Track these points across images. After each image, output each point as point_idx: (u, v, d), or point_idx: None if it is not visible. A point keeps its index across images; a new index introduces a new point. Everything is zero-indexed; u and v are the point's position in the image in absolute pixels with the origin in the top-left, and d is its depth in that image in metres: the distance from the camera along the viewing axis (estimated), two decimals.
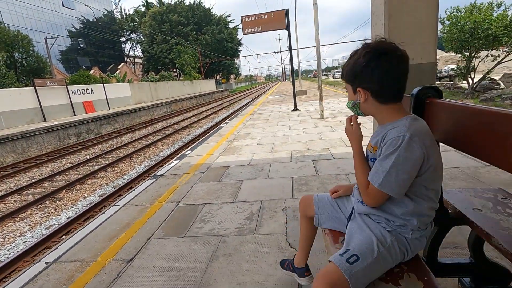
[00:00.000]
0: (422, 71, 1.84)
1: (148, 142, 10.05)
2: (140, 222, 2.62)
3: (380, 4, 1.76)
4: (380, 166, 0.95)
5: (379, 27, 1.82)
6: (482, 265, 1.40)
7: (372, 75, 0.95)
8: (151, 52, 42.45)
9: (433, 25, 1.74)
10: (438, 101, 1.15)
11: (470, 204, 1.34)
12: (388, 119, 1.01)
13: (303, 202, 1.45)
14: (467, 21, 12.18)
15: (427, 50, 1.76)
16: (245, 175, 3.60)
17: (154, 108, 19.93)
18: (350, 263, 0.94)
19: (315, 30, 7.03)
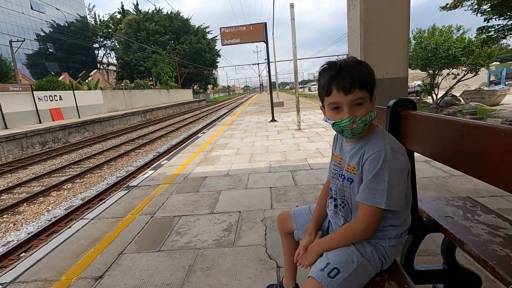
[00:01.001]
0: (395, 85, 1.95)
1: (121, 151, 9.65)
2: (111, 236, 2.46)
3: (356, 20, 1.85)
4: (376, 185, 0.91)
5: (356, 42, 1.91)
6: (455, 271, 1.45)
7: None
8: (126, 60, 41.41)
9: (405, 42, 1.85)
10: (413, 112, 1.21)
11: (442, 212, 1.40)
12: (366, 131, 0.99)
13: (281, 219, 1.42)
14: (430, 41, 13.16)
15: (400, 65, 1.86)
16: (223, 185, 3.54)
17: (128, 117, 19.28)
18: (331, 277, 0.93)
19: (293, 43, 7.24)
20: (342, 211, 1.07)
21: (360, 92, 0.90)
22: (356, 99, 0.91)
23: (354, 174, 1.00)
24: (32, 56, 40.59)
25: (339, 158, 1.11)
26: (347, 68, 0.91)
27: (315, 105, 15.91)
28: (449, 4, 8.56)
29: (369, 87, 0.93)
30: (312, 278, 0.96)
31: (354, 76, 0.89)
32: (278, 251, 2.02)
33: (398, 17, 1.80)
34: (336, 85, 0.90)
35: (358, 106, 0.92)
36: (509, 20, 8.22)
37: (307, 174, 3.74)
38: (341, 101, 0.91)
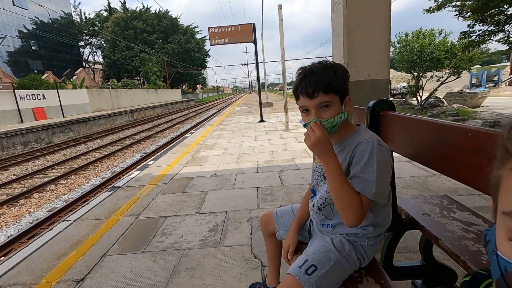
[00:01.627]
0: (377, 86, 2.00)
1: (107, 152, 9.46)
2: (94, 238, 2.41)
3: (339, 23, 1.89)
4: (365, 176, 0.90)
5: (339, 44, 1.95)
6: (432, 267, 1.50)
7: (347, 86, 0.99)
8: (113, 59, 40.61)
9: (386, 45, 1.90)
10: (391, 113, 1.25)
11: (420, 210, 1.45)
12: (345, 131, 1.02)
13: (263, 220, 1.44)
14: (415, 44, 13.51)
15: (381, 67, 1.91)
16: (210, 186, 3.53)
17: (115, 117, 18.92)
18: (308, 274, 0.95)
19: (281, 45, 7.28)
20: (322, 210, 1.09)
21: (324, 96, 0.93)
22: (321, 102, 0.94)
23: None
24: (14, 53, 39.24)
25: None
26: (312, 74, 0.95)
27: None
28: (432, 7, 8.80)
29: (335, 91, 0.94)
30: (290, 275, 0.97)
31: (318, 81, 0.93)
32: (264, 250, 2.03)
33: (379, 22, 1.85)
34: (301, 91, 0.96)
35: (325, 108, 0.95)
36: (489, 26, 8.53)
37: (294, 174, 3.77)
38: (307, 105, 0.96)
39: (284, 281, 0.98)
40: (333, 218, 1.07)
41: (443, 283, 1.51)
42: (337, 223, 1.06)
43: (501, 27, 8.38)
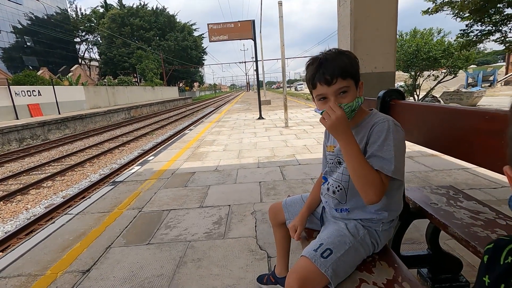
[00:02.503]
0: (383, 79, 2.02)
1: (104, 149, 9.39)
2: (97, 231, 2.40)
3: (346, 16, 1.90)
4: (383, 154, 0.91)
5: (346, 37, 1.96)
6: (438, 256, 1.52)
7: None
8: (109, 55, 40.26)
9: (393, 38, 1.92)
10: (401, 102, 1.26)
11: (427, 200, 1.47)
12: (359, 117, 1.03)
13: (272, 210, 1.44)
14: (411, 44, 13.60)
15: (388, 60, 1.93)
16: (212, 180, 3.53)
17: (111, 114, 18.79)
18: (324, 257, 0.95)
19: (281, 41, 7.28)
20: (337, 194, 1.09)
21: (343, 81, 0.94)
22: (340, 88, 0.95)
23: None
24: (8, 49, 38.68)
25: (332, 147, 1.13)
26: (327, 61, 0.95)
27: (302, 103, 16.08)
28: (431, 8, 8.85)
29: (352, 76, 0.96)
30: (305, 257, 0.97)
31: (335, 67, 0.93)
32: (269, 242, 2.05)
33: (387, 14, 1.86)
34: (318, 79, 0.96)
35: (343, 94, 0.96)
36: (487, 26, 8.61)
37: (295, 169, 3.79)
38: (326, 92, 0.96)
39: (298, 263, 0.97)
40: (347, 203, 1.07)
41: (449, 272, 1.53)
42: (352, 207, 1.06)
43: (498, 27, 8.46)
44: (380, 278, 0.96)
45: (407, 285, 0.92)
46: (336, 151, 1.10)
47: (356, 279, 0.97)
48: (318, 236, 1.08)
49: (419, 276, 1.61)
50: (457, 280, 1.51)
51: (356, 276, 0.98)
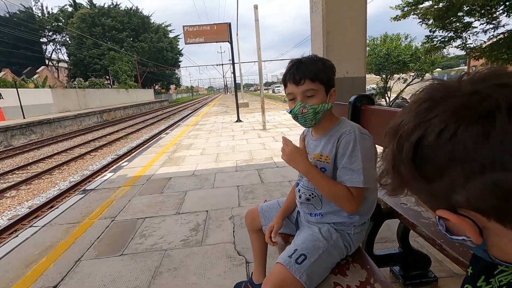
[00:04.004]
0: (355, 83, 2.09)
1: (75, 155, 8.93)
2: (66, 243, 2.27)
3: (318, 22, 1.94)
4: (352, 166, 0.95)
5: (319, 43, 2.00)
6: (409, 254, 1.59)
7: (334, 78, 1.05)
8: (79, 57, 38.41)
9: (362, 44, 1.99)
10: (371, 107, 1.31)
11: (397, 200, 1.53)
12: (329, 123, 1.06)
13: (249, 216, 1.42)
14: (382, 48, 14.23)
15: (359, 65, 2.00)
16: (189, 185, 3.46)
17: (82, 118, 17.93)
18: (298, 263, 0.97)
19: (257, 44, 7.33)
20: (311, 200, 1.11)
21: (311, 83, 0.98)
22: (307, 90, 0.99)
23: (327, 163, 1.04)
24: None
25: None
26: (301, 64, 1.00)
27: (280, 106, 16.27)
28: (399, 15, 9.32)
29: (321, 80, 0.99)
30: (279, 265, 0.98)
31: (306, 70, 0.98)
32: (247, 247, 2.04)
33: (357, 21, 1.94)
34: (289, 78, 1.01)
35: (310, 97, 1.00)
36: (449, 33, 9.20)
37: (273, 172, 3.81)
38: (294, 91, 1.01)
39: (274, 270, 0.98)
40: (322, 208, 1.09)
41: (419, 268, 1.60)
42: (326, 212, 1.09)
43: (459, 34, 9.06)
44: (353, 280, 0.98)
45: (379, 286, 0.95)
46: (309, 157, 1.09)
47: (330, 282, 0.99)
48: (292, 241, 1.10)
49: (391, 274, 1.68)
50: (426, 276, 1.58)
51: (330, 279, 1.00)
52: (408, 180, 0.35)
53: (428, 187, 0.33)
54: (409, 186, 0.37)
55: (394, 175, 0.37)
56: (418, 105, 0.35)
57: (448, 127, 0.30)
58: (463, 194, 0.31)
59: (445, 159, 0.30)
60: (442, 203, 0.34)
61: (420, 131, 0.32)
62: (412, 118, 0.34)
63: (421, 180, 0.33)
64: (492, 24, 8.41)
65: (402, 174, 0.35)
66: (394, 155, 0.35)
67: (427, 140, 0.32)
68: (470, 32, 8.96)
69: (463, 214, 0.33)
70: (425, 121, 0.32)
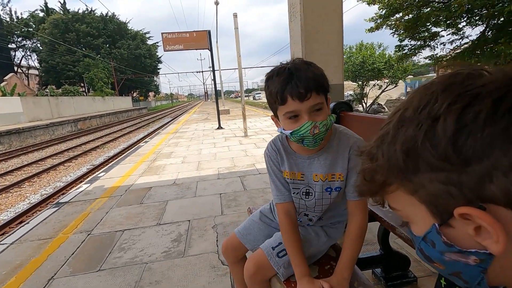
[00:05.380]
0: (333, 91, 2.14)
1: (47, 166, 8.49)
2: (37, 261, 2.13)
3: (297, 31, 2.00)
4: None
5: (298, 51, 2.05)
6: (389, 255, 1.63)
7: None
8: (51, 63, 36.83)
9: (340, 52, 2.06)
10: (349, 114, 1.35)
11: None
12: (326, 137, 0.92)
13: (230, 247, 1.22)
14: (358, 56, 14.80)
15: (337, 73, 2.06)
16: (170, 195, 3.38)
17: (55, 127, 17.12)
18: (279, 257, 1.01)
19: (237, 52, 7.38)
20: (324, 217, 1.10)
21: (317, 97, 0.81)
22: (315, 104, 0.81)
23: (341, 181, 0.94)
24: None
25: (299, 174, 0.99)
26: (298, 71, 0.80)
27: (261, 112, 16.38)
28: (373, 27, 9.80)
29: (325, 90, 0.85)
30: (262, 251, 1.04)
31: (308, 79, 0.79)
32: None
33: (334, 30, 2.01)
34: (290, 92, 0.79)
35: (317, 112, 0.82)
36: (418, 42, 9.74)
37: (255, 178, 3.81)
38: (298, 109, 0.81)
39: (255, 254, 1.06)
40: (328, 219, 1.12)
41: (399, 269, 1.65)
42: (326, 217, 1.11)
43: (427, 43, 9.62)
44: None
45: None
46: (307, 179, 0.98)
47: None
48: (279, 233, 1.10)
49: (373, 276, 1.71)
50: (406, 276, 1.63)
51: None
52: (417, 173, 0.29)
53: (456, 176, 0.26)
54: (411, 184, 0.30)
55: (391, 172, 0.31)
56: (453, 78, 0.29)
57: (508, 96, 0.25)
58: (502, 183, 0.24)
59: (496, 134, 0.25)
60: (465, 197, 0.27)
61: (466, 100, 0.27)
62: (449, 91, 0.28)
63: (450, 167, 0.26)
64: (458, 34, 9.01)
65: (413, 164, 0.29)
66: (413, 136, 0.29)
67: (479, 110, 0.26)
68: (437, 41, 9.54)
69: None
70: (472, 89, 0.27)
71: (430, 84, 0.31)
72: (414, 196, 0.31)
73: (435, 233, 0.31)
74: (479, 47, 8.05)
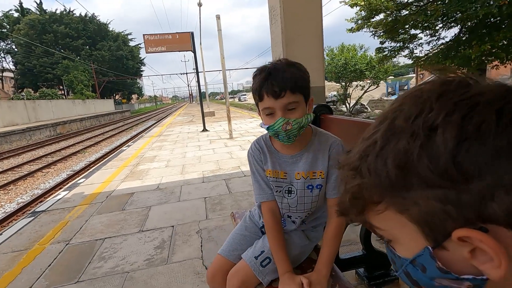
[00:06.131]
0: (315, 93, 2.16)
1: (23, 172, 8.12)
2: (11, 274, 2.03)
3: (278, 34, 2.00)
4: None
5: (279, 53, 2.06)
6: (372, 255, 1.65)
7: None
8: (28, 66, 35.36)
9: (320, 54, 2.08)
10: (329, 116, 1.36)
11: None
12: (307, 137, 0.98)
13: (219, 272, 1.09)
14: (340, 58, 15.08)
15: (318, 75, 2.08)
16: (154, 200, 3.31)
17: (32, 132, 16.44)
18: (263, 266, 1.01)
19: (221, 54, 7.34)
20: (307, 221, 1.10)
21: (291, 95, 0.85)
22: (289, 103, 0.86)
23: (322, 179, 0.98)
24: None
25: (281, 173, 1.01)
26: (276, 71, 0.86)
27: (246, 114, 16.37)
28: (354, 27, 9.99)
29: (302, 90, 0.88)
30: (245, 263, 1.02)
31: (285, 79, 0.84)
32: None
33: (314, 32, 2.03)
34: (266, 90, 0.86)
35: (291, 111, 0.87)
36: (397, 43, 10.04)
37: (241, 181, 3.79)
38: (273, 106, 0.86)
39: (239, 265, 1.03)
40: (310, 222, 1.12)
41: (381, 268, 1.68)
42: (309, 221, 1.11)
43: (406, 44, 9.93)
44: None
45: None
46: (289, 177, 1.00)
47: None
48: (262, 239, 1.10)
49: (357, 276, 1.73)
50: (388, 275, 1.66)
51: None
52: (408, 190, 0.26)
53: (455, 193, 0.24)
54: (402, 202, 0.27)
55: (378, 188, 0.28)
56: (445, 86, 0.27)
57: (507, 107, 0.23)
58: (505, 202, 0.22)
59: (500, 148, 0.23)
60: (464, 217, 0.24)
61: (464, 110, 0.24)
62: (444, 99, 0.26)
63: (449, 184, 0.24)
64: (435, 36, 9.35)
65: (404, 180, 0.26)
66: (406, 149, 0.26)
67: (480, 121, 0.24)
68: (416, 43, 9.86)
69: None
70: (469, 98, 0.25)
71: (420, 91, 0.28)
72: (404, 215, 0.28)
73: (428, 257, 0.28)
74: (452, 49, 8.38)
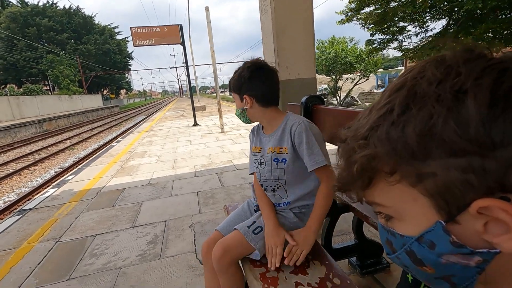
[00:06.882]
0: (306, 84, 2.16)
1: (9, 171, 7.91)
2: None
3: (268, 25, 1.97)
4: (312, 150, 1.04)
5: (270, 45, 2.03)
6: (363, 244, 1.68)
7: (255, 83, 1.11)
8: (10, 60, 34.14)
9: (311, 46, 2.07)
10: (321, 107, 1.36)
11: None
12: (275, 120, 1.16)
13: (210, 248, 1.15)
14: (331, 50, 15.10)
15: (309, 67, 2.07)
16: (145, 195, 3.27)
17: (17, 129, 15.97)
18: (255, 233, 1.09)
19: (210, 47, 7.24)
20: (277, 191, 1.16)
21: (232, 93, 1.19)
22: (233, 97, 1.20)
23: (286, 154, 1.11)
24: None
25: (258, 148, 1.22)
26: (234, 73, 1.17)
27: None
28: (343, 19, 9.98)
29: (234, 90, 1.16)
30: (237, 231, 1.10)
31: (231, 80, 1.18)
32: None
33: (304, 24, 2.01)
34: None
35: (235, 103, 1.21)
36: (387, 35, 10.09)
37: (233, 175, 3.78)
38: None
39: (232, 235, 1.11)
40: (288, 196, 1.15)
41: (373, 256, 1.71)
42: (293, 200, 1.15)
43: (395, 36, 10.00)
44: (313, 278, 1.00)
45: (338, 280, 0.98)
46: (263, 152, 1.19)
47: (292, 282, 0.99)
48: (255, 214, 1.20)
49: (349, 265, 1.76)
50: (380, 263, 1.69)
51: (292, 279, 1.00)
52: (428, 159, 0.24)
53: (478, 161, 0.23)
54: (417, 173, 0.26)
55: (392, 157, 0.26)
56: (468, 53, 0.26)
57: None
58: None
59: None
60: (487, 187, 0.23)
61: (494, 74, 0.23)
62: (472, 64, 0.25)
63: (477, 150, 0.23)
64: (423, 28, 9.43)
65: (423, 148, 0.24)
66: (431, 114, 0.24)
67: (510, 85, 0.22)
68: (405, 35, 9.93)
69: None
70: (497, 63, 0.24)
71: (441, 58, 0.27)
72: (417, 188, 0.26)
73: (440, 232, 0.27)
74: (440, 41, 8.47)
